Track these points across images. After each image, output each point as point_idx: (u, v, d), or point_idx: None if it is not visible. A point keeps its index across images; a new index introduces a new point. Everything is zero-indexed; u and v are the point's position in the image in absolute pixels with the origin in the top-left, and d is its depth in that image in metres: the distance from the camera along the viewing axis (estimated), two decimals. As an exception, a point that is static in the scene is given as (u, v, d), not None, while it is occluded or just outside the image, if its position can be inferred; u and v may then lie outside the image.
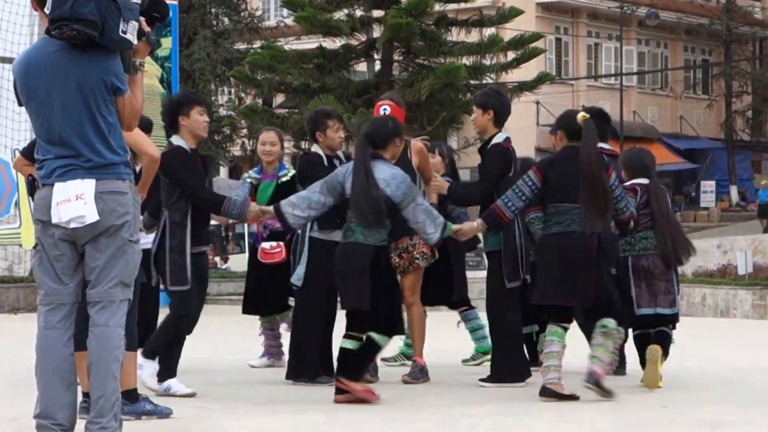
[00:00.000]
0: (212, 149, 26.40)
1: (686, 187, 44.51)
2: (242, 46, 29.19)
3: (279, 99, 30.88)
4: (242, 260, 22.80)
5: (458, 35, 22.10)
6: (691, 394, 7.39)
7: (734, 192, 45.88)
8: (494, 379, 7.68)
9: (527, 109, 36.26)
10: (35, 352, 4.95)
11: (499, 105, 7.79)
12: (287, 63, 21.13)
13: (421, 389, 7.74)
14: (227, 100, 31.00)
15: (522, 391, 7.19)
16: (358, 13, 21.83)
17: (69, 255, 4.90)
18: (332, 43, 22.55)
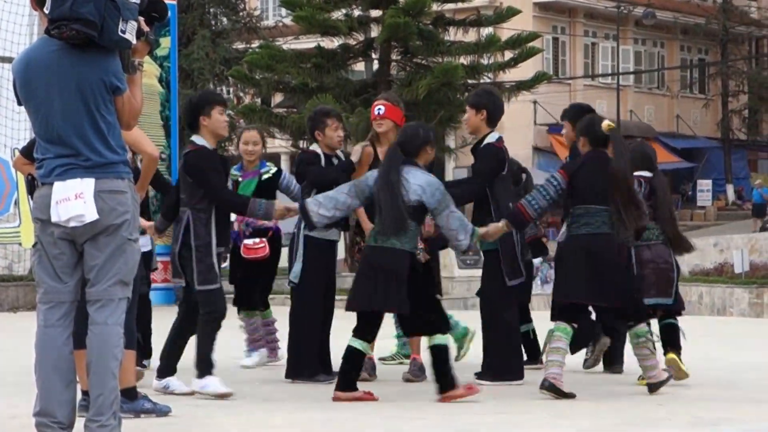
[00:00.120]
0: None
1: (683, 186, 44.53)
2: (241, 46, 29.19)
3: (277, 98, 30.89)
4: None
5: (456, 35, 22.11)
6: (688, 392, 7.40)
7: (731, 191, 45.93)
8: (491, 377, 7.70)
9: (524, 109, 36.27)
10: (35, 350, 4.96)
11: (492, 105, 7.81)
12: (285, 62, 21.13)
13: (419, 387, 7.75)
14: (226, 100, 30.97)
15: (520, 389, 7.21)
16: (356, 13, 21.84)
17: (68, 253, 4.91)
18: (330, 43, 22.55)
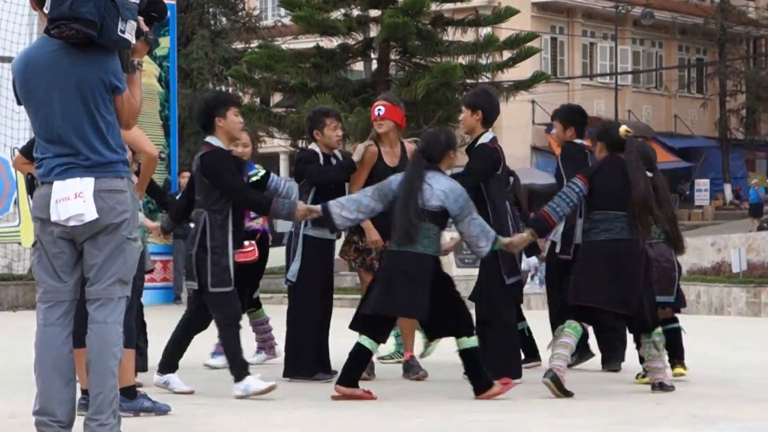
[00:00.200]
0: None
1: (681, 186, 44.54)
2: (240, 46, 29.19)
3: (276, 98, 30.87)
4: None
5: (454, 35, 22.12)
6: (686, 391, 7.41)
7: (728, 190, 45.94)
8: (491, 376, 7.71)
9: (523, 108, 36.29)
10: (34, 349, 4.97)
11: (488, 106, 7.84)
12: (284, 62, 21.14)
13: (418, 385, 7.78)
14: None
15: (518, 388, 7.22)
16: (355, 13, 21.84)
17: (68, 252, 4.92)
18: (329, 43, 22.55)
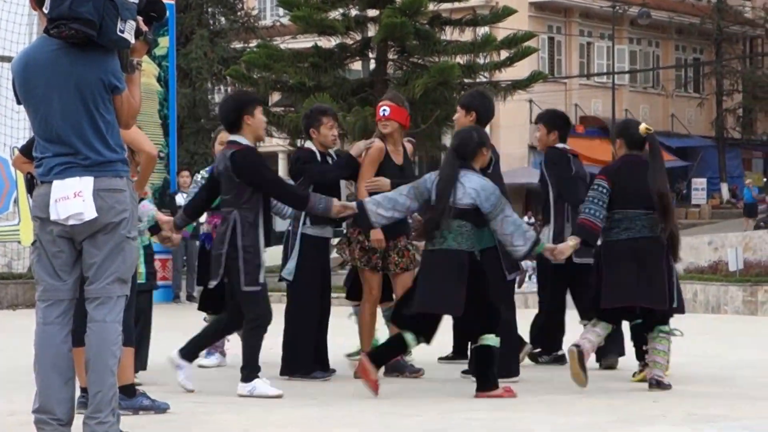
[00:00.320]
0: (209, 147, 26.38)
1: (678, 185, 44.56)
2: (238, 45, 29.22)
3: (275, 97, 30.84)
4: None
5: (452, 34, 22.13)
6: (683, 390, 7.42)
7: (725, 189, 46.00)
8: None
9: (520, 108, 36.32)
10: (34, 348, 4.98)
11: (482, 107, 7.88)
12: (283, 62, 21.15)
13: (417, 384, 7.80)
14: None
15: (515, 387, 7.23)
16: (353, 13, 21.85)
17: (67, 251, 4.93)
18: (327, 42, 22.56)
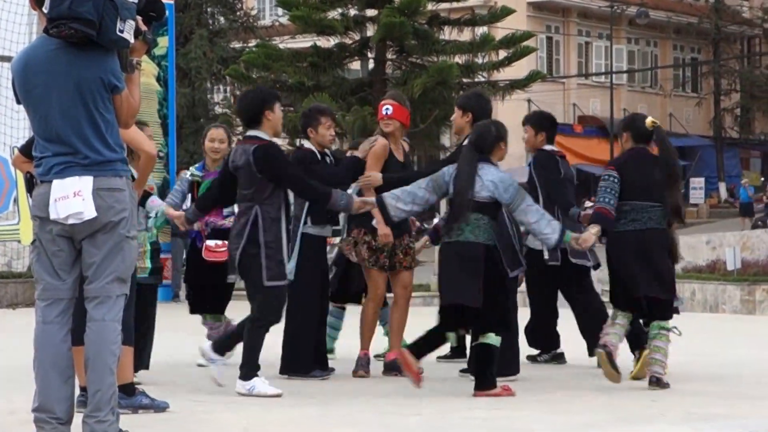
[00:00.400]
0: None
1: (677, 185, 44.61)
2: (238, 45, 29.23)
3: (273, 97, 30.93)
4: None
5: (450, 34, 22.17)
6: (682, 388, 7.43)
7: (723, 189, 46.04)
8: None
9: (519, 107, 36.26)
10: (33, 347, 4.99)
11: (479, 108, 7.90)
12: (282, 61, 21.18)
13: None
14: (223, 99, 30.99)
15: (514, 385, 7.25)
16: (352, 13, 21.89)
17: (67, 251, 4.94)
18: (326, 42, 22.59)
